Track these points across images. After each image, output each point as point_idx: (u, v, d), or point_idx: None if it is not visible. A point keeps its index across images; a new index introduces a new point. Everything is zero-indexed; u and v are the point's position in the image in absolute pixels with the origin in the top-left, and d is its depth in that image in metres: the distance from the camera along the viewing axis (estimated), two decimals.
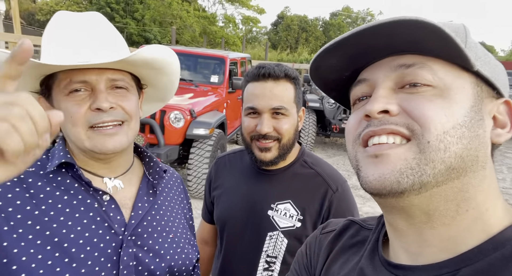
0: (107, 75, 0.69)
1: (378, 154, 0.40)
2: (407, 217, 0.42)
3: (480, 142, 0.39)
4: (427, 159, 0.37)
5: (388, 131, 0.40)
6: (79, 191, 0.69)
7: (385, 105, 0.40)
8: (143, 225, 0.74)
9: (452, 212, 0.39)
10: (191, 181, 3.82)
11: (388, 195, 0.39)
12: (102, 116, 0.67)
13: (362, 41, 0.41)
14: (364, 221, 0.59)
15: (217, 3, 28.19)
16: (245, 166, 1.09)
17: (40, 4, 26.63)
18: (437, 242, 0.41)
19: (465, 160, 0.38)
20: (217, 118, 4.12)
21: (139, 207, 0.75)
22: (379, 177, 0.39)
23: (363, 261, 0.49)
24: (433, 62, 0.40)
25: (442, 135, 0.37)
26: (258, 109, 0.95)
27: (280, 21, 39.59)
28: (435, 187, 0.38)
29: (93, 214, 0.68)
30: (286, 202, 0.98)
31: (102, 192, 0.70)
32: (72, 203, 0.67)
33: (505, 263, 0.36)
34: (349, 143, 0.46)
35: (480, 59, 0.41)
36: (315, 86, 6.64)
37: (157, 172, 0.82)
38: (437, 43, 0.37)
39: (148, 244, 0.74)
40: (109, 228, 0.69)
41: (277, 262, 0.98)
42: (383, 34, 0.39)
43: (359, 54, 0.43)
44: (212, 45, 23.11)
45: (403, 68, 0.41)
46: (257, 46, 30.39)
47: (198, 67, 5.51)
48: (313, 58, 0.46)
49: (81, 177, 0.68)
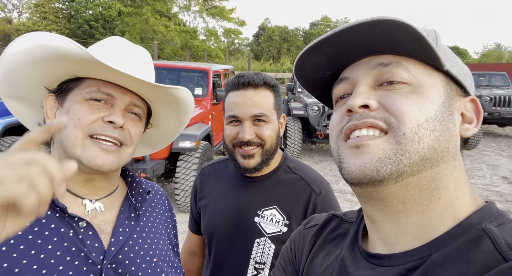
0: (132, 98, 0.70)
1: (359, 144, 0.43)
2: (384, 206, 0.44)
3: (450, 135, 0.42)
4: (403, 149, 0.40)
5: (368, 125, 0.43)
6: (52, 219, 0.64)
7: (366, 100, 0.43)
8: (124, 250, 0.70)
9: (426, 200, 0.42)
10: (179, 194, 3.78)
11: (368, 183, 0.42)
12: (109, 130, 0.66)
13: (343, 39, 0.44)
14: (345, 214, 0.62)
15: (198, 17, 28.46)
16: (230, 174, 1.09)
17: (16, 25, 26.21)
18: (412, 229, 0.43)
19: (437, 150, 0.41)
20: (202, 130, 4.12)
21: (120, 232, 0.71)
22: (360, 166, 0.42)
23: (343, 252, 0.52)
24: (408, 61, 0.43)
25: (416, 128, 0.40)
26: (239, 117, 0.97)
27: (262, 32, 40.21)
28: (411, 176, 0.41)
29: (68, 244, 0.63)
30: (272, 208, 0.99)
31: (78, 218, 0.65)
32: (43, 234, 0.62)
33: (470, 246, 0.38)
34: (332, 139, 0.49)
35: (449, 61, 0.44)
36: (298, 94, 6.71)
37: (140, 193, 0.78)
38: (411, 43, 0.41)
39: (131, 270, 0.69)
40: (86, 258, 0.64)
41: (266, 268, 0.98)
42: (362, 34, 0.42)
43: (340, 54, 0.47)
44: (195, 59, 23.20)
45: (381, 67, 0.44)
46: (240, 58, 30.69)
47: (182, 81, 5.52)
48: (298, 56, 0.49)
49: (55, 203, 0.64)
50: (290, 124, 6.14)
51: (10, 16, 29.79)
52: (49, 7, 25.46)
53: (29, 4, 27.48)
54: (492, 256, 0.36)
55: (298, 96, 7.29)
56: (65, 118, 0.41)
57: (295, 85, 7.81)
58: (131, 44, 0.76)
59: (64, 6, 25.90)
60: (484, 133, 8.92)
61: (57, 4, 25.91)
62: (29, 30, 24.30)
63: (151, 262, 0.74)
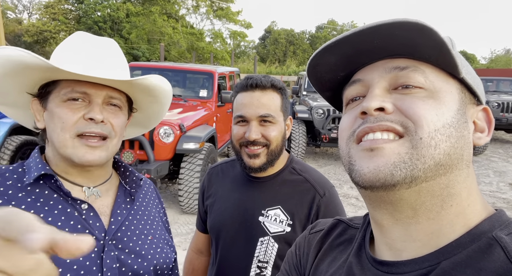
0: (107, 92, 0.74)
1: (374, 147, 0.41)
2: (394, 211, 0.43)
3: (465, 142, 0.42)
4: (418, 154, 0.39)
5: (384, 128, 0.42)
6: (58, 201, 0.71)
7: (381, 103, 0.42)
8: (122, 229, 0.78)
9: (438, 207, 0.41)
10: (183, 195, 3.78)
11: (381, 187, 0.40)
12: (91, 127, 0.71)
13: (361, 41, 0.43)
14: (351, 220, 0.61)
15: (204, 19, 28.65)
16: (236, 175, 1.12)
17: (26, 26, 26.62)
18: (421, 236, 0.42)
19: (452, 157, 0.40)
20: (207, 132, 4.13)
21: (118, 213, 0.79)
22: (374, 169, 0.40)
23: (350, 258, 0.51)
24: (425, 66, 0.43)
25: (433, 132, 0.39)
26: (246, 117, 0.99)
27: (268, 35, 40.32)
28: (424, 181, 0.40)
29: (74, 222, 0.70)
30: (276, 208, 1.01)
31: (81, 201, 0.73)
32: (53, 213, 0.69)
33: (481, 255, 0.38)
34: (342, 141, 0.47)
35: (464, 68, 0.43)
36: (303, 97, 6.72)
37: (134, 180, 0.86)
38: (431, 48, 0.40)
39: (129, 246, 0.77)
40: (90, 234, 0.71)
41: (269, 267, 0.99)
42: (382, 35, 0.41)
43: (356, 55, 0.46)
44: (201, 61, 23.34)
45: (397, 70, 0.43)
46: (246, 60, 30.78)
47: (187, 83, 5.55)
48: (313, 55, 0.48)
49: (60, 188, 0.71)
50: (295, 127, 6.13)
51: (20, 17, 30.30)
52: (58, 9, 25.82)
53: (39, 5, 27.94)
54: (503, 265, 0.36)
55: (303, 99, 7.28)
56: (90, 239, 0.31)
57: (300, 88, 7.81)
58: (96, 38, 0.78)
59: (73, 7, 26.26)
60: (491, 140, 8.81)
61: (66, 5, 26.28)
62: (39, 30, 24.68)
63: (146, 239, 0.82)
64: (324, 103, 6.29)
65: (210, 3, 26.89)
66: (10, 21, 26.53)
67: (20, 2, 31.14)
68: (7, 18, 26.47)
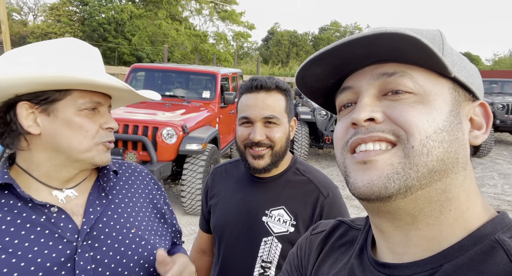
0: (107, 99, 0.81)
1: (367, 160, 0.41)
2: (393, 219, 0.43)
3: (459, 145, 0.41)
4: (411, 163, 0.39)
5: (376, 139, 0.41)
6: (23, 208, 0.70)
7: (371, 113, 0.42)
8: (98, 227, 0.76)
9: (436, 212, 0.41)
10: (185, 197, 3.79)
11: (376, 199, 0.41)
12: (110, 136, 0.79)
13: (345, 52, 0.43)
14: (352, 221, 0.60)
15: (208, 21, 28.76)
16: (240, 175, 1.12)
17: (32, 28, 26.86)
18: (422, 241, 0.42)
19: (446, 162, 0.40)
20: (209, 133, 4.13)
21: (90, 212, 0.77)
22: (368, 183, 0.41)
23: (352, 260, 0.50)
24: (413, 70, 0.42)
25: (425, 140, 0.39)
26: (251, 119, 1.00)
27: (271, 36, 40.38)
28: (420, 189, 0.40)
29: (40, 228, 0.70)
30: (279, 208, 1.01)
31: (50, 205, 0.72)
32: (15, 222, 0.68)
33: (483, 257, 0.37)
34: (337, 150, 0.48)
35: (457, 65, 0.43)
36: (306, 99, 6.68)
37: (106, 174, 0.85)
38: (416, 53, 0.39)
39: (107, 244, 0.76)
40: (60, 237, 0.71)
41: (272, 267, 1.00)
42: (365, 46, 0.41)
43: (343, 63, 0.45)
44: (204, 62, 23.40)
45: (385, 76, 0.43)
46: (249, 62, 30.83)
47: (190, 84, 5.56)
48: (299, 68, 0.48)
49: (21, 196, 0.70)
50: (298, 129, 6.13)
51: (25, 19, 30.57)
52: (63, 10, 26.05)
53: (44, 7, 28.19)
54: (506, 268, 0.35)
55: (306, 100, 7.28)
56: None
57: None
58: (85, 46, 0.80)
59: (78, 9, 26.46)
60: (496, 141, 8.75)
61: (71, 7, 26.49)
62: (44, 32, 24.89)
63: (128, 233, 0.80)
64: None
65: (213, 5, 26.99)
66: (15, 23, 26.78)
67: (25, 4, 31.48)
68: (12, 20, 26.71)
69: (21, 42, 25.09)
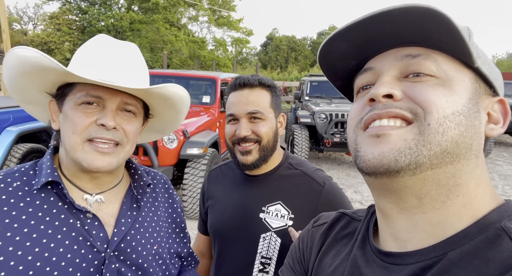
0: (122, 98, 0.72)
1: (380, 134, 0.41)
2: (398, 200, 0.42)
3: (475, 132, 0.40)
4: (425, 140, 0.39)
5: (393, 115, 0.41)
6: (61, 210, 0.69)
7: (390, 89, 0.41)
8: (126, 239, 0.75)
9: (443, 197, 0.40)
10: (186, 201, 3.79)
11: (384, 173, 0.40)
12: (103, 133, 0.69)
13: (372, 27, 0.41)
14: (354, 212, 0.60)
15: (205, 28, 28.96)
16: (235, 175, 1.13)
17: (32, 36, 27.04)
18: (427, 226, 0.41)
19: (460, 146, 0.39)
20: (210, 137, 4.15)
21: (122, 223, 0.76)
22: (378, 155, 0.40)
23: (355, 251, 0.50)
24: (437, 54, 0.41)
25: (442, 119, 0.39)
26: (236, 115, 1.01)
27: (269, 42, 40.60)
28: (429, 169, 0.39)
29: (75, 234, 0.68)
30: (276, 203, 1.02)
31: (86, 210, 0.71)
32: (53, 224, 0.67)
33: (489, 245, 0.37)
34: (350, 128, 0.47)
35: (480, 58, 0.42)
36: (306, 102, 6.67)
37: (141, 186, 0.82)
38: (444, 35, 0.38)
39: (132, 258, 0.75)
40: (91, 246, 0.69)
41: (272, 263, 0.99)
42: (393, 21, 0.40)
43: (367, 43, 0.44)
44: (204, 68, 23.51)
45: (408, 58, 0.42)
46: (248, 67, 30.95)
47: (190, 89, 5.59)
48: (323, 43, 0.47)
49: (65, 196, 0.69)
50: (298, 132, 6.14)
51: (25, 28, 30.78)
52: (63, 19, 26.23)
53: (44, 16, 28.39)
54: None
55: (306, 104, 7.31)
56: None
57: (303, 93, 7.84)
58: (117, 42, 0.77)
59: (77, 18, 26.65)
60: (496, 143, 8.76)
61: (70, 16, 26.68)
62: (43, 41, 25.03)
63: (151, 250, 0.79)
64: (327, 108, 6.31)
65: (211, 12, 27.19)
66: (15, 32, 26.95)
67: (25, 14, 31.71)
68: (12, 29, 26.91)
69: None
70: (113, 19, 24.73)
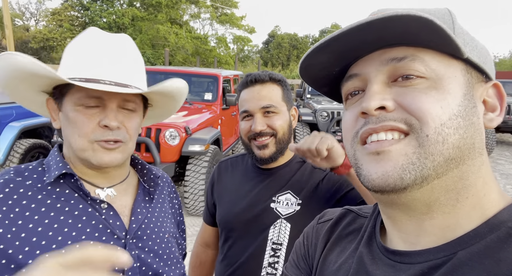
0: (121, 96, 0.73)
1: (380, 151, 0.39)
2: (408, 210, 0.41)
3: (475, 129, 0.39)
4: (426, 152, 0.37)
5: (388, 128, 0.39)
6: (79, 200, 0.71)
7: (381, 101, 0.40)
8: (142, 228, 0.78)
9: (453, 201, 0.39)
10: (188, 197, 3.80)
11: (391, 191, 0.39)
12: (108, 134, 0.71)
13: (353, 38, 0.40)
14: (360, 209, 0.59)
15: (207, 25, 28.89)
16: (246, 168, 1.15)
17: (34, 32, 27.04)
18: (436, 231, 0.41)
19: (462, 149, 0.38)
20: (212, 134, 4.16)
21: (138, 212, 0.79)
22: (382, 174, 0.39)
23: (361, 248, 0.49)
24: (424, 53, 0.39)
25: (440, 127, 0.37)
26: (250, 111, 1.03)
27: (271, 39, 40.52)
28: (436, 179, 0.38)
29: (95, 222, 0.71)
30: (286, 193, 1.04)
31: (100, 200, 0.73)
32: (73, 214, 0.69)
33: (500, 245, 0.36)
34: (347, 142, 0.45)
35: (468, 45, 0.40)
36: (307, 100, 6.63)
37: (152, 179, 0.86)
38: (428, 36, 0.37)
39: (148, 245, 0.78)
40: (112, 233, 0.72)
41: (282, 249, 1.01)
42: (375, 30, 0.38)
43: (349, 50, 0.43)
44: (205, 65, 23.48)
45: (394, 61, 0.40)
46: (249, 65, 30.91)
47: (192, 86, 5.59)
48: (303, 57, 0.46)
49: (80, 188, 0.71)
50: (299, 130, 6.14)
51: (27, 24, 30.79)
52: (65, 15, 26.21)
53: (46, 12, 28.38)
54: None
55: (307, 102, 7.30)
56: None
57: (304, 91, 7.83)
58: (109, 36, 0.76)
59: (79, 14, 26.63)
60: (497, 142, 8.74)
61: (72, 12, 26.66)
62: (45, 38, 25.05)
63: (163, 238, 0.83)
64: (328, 106, 6.31)
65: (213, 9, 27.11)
66: (17, 28, 26.95)
67: (27, 10, 31.68)
68: (14, 25, 26.89)
69: (23, 47, 25.25)
70: (115, 15, 24.71)
